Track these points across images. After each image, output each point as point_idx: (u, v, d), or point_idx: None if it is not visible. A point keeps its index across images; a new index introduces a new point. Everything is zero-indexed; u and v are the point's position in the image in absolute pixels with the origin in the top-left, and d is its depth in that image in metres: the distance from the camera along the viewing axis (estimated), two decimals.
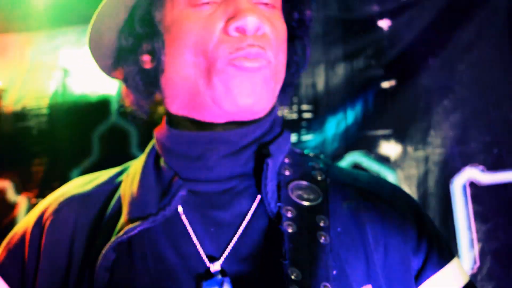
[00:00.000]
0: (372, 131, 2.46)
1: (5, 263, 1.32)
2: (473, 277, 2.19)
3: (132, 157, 1.59)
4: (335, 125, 2.51)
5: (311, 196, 1.17)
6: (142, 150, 1.39)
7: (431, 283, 1.19)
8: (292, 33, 1.27)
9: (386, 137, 2.44)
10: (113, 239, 1.12)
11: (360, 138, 2.47)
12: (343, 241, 1.14)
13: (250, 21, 1.07)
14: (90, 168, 2.62)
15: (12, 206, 2.66)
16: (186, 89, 1.17)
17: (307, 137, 2.50)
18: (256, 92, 1.12)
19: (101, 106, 2.77)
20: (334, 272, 1.06)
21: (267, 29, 1.13)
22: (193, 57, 1.13)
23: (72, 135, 2.74)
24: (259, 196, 1.16)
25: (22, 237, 1.31)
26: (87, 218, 1.26)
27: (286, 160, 1.24)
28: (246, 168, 1.19)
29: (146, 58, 1.24)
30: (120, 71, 1.32)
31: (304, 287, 1.01)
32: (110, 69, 1.39)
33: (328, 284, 1.02)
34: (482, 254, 2.23)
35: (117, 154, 2.68)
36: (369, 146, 2.44)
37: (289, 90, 1.33)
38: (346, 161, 2.42)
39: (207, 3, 1.13)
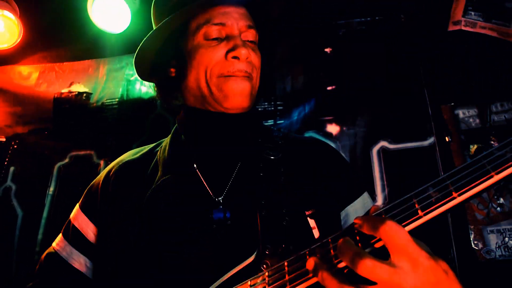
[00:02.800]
0: (321, 117, 3.18)
1: (85, 202, 1.65)
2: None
3: None
4: (298, 113, 3.23)
5: (275, 153, 1.49)
6: None
7: (349, 210, 1.49)
8: (264, 57, 1.61)
9: (330, 121, 3.16)
10: (154, 186, 1.44)
11: (313, 122, 3.18)
12: (295, 180, 1.43)
13: (243, 53, 1.44)
14: (144, 143, 3.05)
15: (96, 166, 3.36)
16: (196, 91, 1.52)
17: (280, 121, 3.22)
18: (243, 96, 1.47)
19: (151, 102, 3.45)
20: (290, 200, 1.36)
21: (253, 58, 1.50)
22: (201, 71, 1.48)
23: (132, 121, 3.43)
24: (243, 155, 1.48)
25: (97, 186, 1.63)
26: (137, 174, 1.57)
27: (260, 131, 1.60)
28: (235, 138, 1.53)
29: (172, 70, 1.60)
30: (153, 79, 1.72)
31: (270, 208, 1.31)
32: (146, 78, 1.76)
33: (286, 206, 1.32)
34: (390, 194, 2.89)
35: (161, 134, 2.85)
36: (319, 127, 3.16)
37: (263, 87, 1.64)
38: (304, 136, 2.95)
39: (216, 38, 1.49)
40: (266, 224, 1.27)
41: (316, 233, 1.35)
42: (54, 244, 1.64)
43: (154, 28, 1.59)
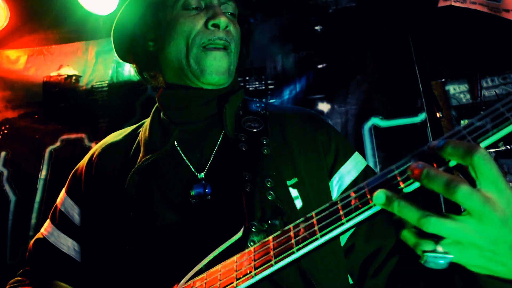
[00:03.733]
0: (312, 95, 3.21)
1: (71, 186, 1.66)
2: None
3: None
4: (288, 92, 3.25)
5: (256, 125, 1.48)
6: None
7: (342, 170, 1.48)
8: (243, 34, 1.63)
9: (321, 99, 3.19)
10: (136, 166, 1.43)
11: (304, 100, 3.21)
12: (278, 151, 1.43)
13: (223, 21, 1.44)
14: (136, 122, 3.34)
15: (87, 149, 2.99)
16: (175, 64, 1.52)
17: (272, 101, 3.25)
18: (220, 73, 1.47)
19: (141, 85, 3.42)
20: (274, 173, 1.36)
21: (232, 29, 1.50)
22: (180, 42, 1.47)
23: (123, 103, 3.42)
24: (223, 130, 1.47)
25: (81, 170, 1.64)
26: (119, 156, 1.57)
27: (240, 105, 1.58)
28: (214, 112, 1.53)
29: (150, 43, 1.59)
30: (131, 54, 1.67)
31: (254, 183, 1.30)
32: (124, 55, 1.71)
33: (270, 179, 1.32)
34: (382, 170, 2.99)
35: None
36: (311, 106, 3.18)
37: (242, 64, 1.68)
38: None
39: (195, 8, 1.49)
40: (250, 199, 1.26)
41: (298, 203, 1.34)
42: (42, 229, 1.65)
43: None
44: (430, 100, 3.03)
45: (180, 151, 1.47)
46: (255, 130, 1.45)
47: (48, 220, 1.66)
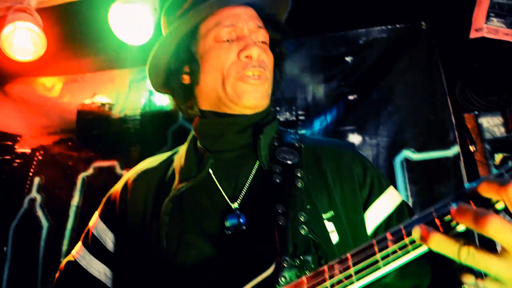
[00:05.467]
0: (343, 127, 3.16)
1: (104, 210, 1.67)
2: None
3: None
4: (319, 124, 3.22)
5: (291, 157, 1.46)
6: None
7: (377, 205, 1.46)
8: (275, 60, 1.64)
9: (352, 131, 3.14)
10: (171, 194, 1.43)
11: (335, 132, 3.16)
12: (312, 184, 1.41)
13: (255, 51, 1.46)
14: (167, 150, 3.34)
15: (119, 177, 3.00)
16: (212, 94, 1.55)
17: (302, 132, 3.20)
18: (258, 98, 1.49)
19: (173, 113, 3.44)
20: (308, 206, 1.35)
21: (265, 57, 1.52)
22: (216, 74, 1.50)
23: (155, 132, 3.45)
24: (258, 160, 1.47)
25: (115, 195, 1.65)
26: (154, 183, 1.58)
27: (275, 135, 1.57)
28: (250, 141, 1.52)
29: (185, 76, 1.61)
30: (167, 88, 1.70)
31: (287, 217, 1.28)
32: (160, 87, 1.75)
33: (303, 213, 1.30)
34: (414, 204, 2.85)
35: (182, 143, 3.32)
36: (341, 137, 3.11)
37: (276, 90, 1.69)
38: None
39: (227, 40, 1.50)
40: (283, 233, 1.25)
41: (334, 237, 1.34)
42: (73, 252, 1.67)
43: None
44: (463, 133, 2.97)
45: (215, 179, 1.48)
46: (289, 162, 1.44)
47: (80, 243, 1.67)
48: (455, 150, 2.94)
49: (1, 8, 3.34)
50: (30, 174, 3.50)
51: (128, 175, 1.69)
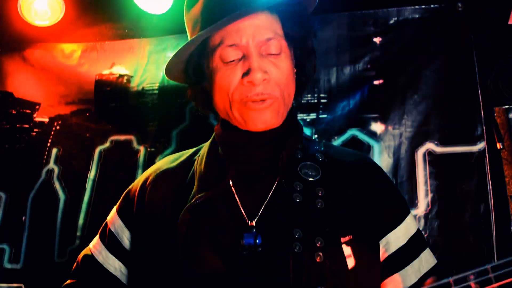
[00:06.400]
0: (366, 114, 3.06)
1: (122, 207, 1.69)
2: (426, 215, 2.76)
3: (210, 126, 2.14)
4: (341, 108, 3.12)
5: (314, 173, 1.45)
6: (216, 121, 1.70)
7: (391, 236, 1.46)
8: (300, 59, 1.59)
9: (375, 119, 3.03)
10: (188, 204, 1.42)
11: (357, 119, 3.06)
12: (333, 205, 1.40)
13: (257, 78, 1.38)
14: (183, 130, 3.31)
15: (136, 152, 3.34)
16: (223, 111, 1.53)
17: (323, 116, 3.13)
18: (266, 122, 1.45)
19: None
20: (327, 229, 1.33)
21: (273, 74, 1.43)
22: (223, 95, 1.47)
23: (173, 107, 3.39)
24: (279, 175, 1.46)
25: (134, 193, 1.66)
26: (173, 186, 1.57)
27: (299, 146, 1.54)
28: (271, 155, 1.49)
29: (205, 85, 1.59)
30: (189, 91, 1.71)
31: (304, 243, 1.28)
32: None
33: (321, 238, 1.30)
34: (433, 200, 2.79)
35: (201, 122, 3.18)
36: (363, 124, 3.03)
37: (303, 91, 1.66)
38: (347, 135, 3.02)
39: (232, 61, 1.44)
40: (298, 262, 1.26)
41: (351, 262, 1.32)
42: (91, 245, 1.72)
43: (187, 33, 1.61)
44: (491, 128, 2.84)
45: (234, 192, 1.47)
46: (311, 179, 1.43)
47: (97, 237, 1.72)
48: (481, 145, 2.81)
49: None
50: (48, 144, 3.49)
51: (147, 174, 1.69)
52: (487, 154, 2.79)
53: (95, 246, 1.70)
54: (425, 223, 2.78)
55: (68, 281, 1.70)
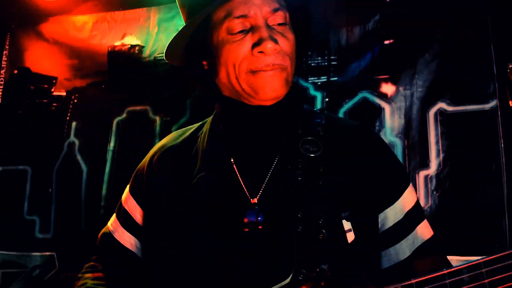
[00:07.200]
0: (376, 75, 3.05)
1: (133, 186, 1.71)
2: (438, 175, 2.80)
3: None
4: (352, 70, 3.11)
5: (315, 149, 1.43)
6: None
7: (392, 209, 1.45)
8: (300, 30, 1.53)
9: (385, 80, 3.03)
10: (192, 182, 1.46)
11: (368, 80, 3.06)
12: (334, 180, 1.39)
13: (269, 47, 1.36)
14: (197, 99, 3.35)
15: (152, 122, 3.43)
16: (229, 86, 1.49)
17: (334, 78, 3.13)
18: (276, 90, 1.42)
19: None
20: (328, 206, 1.33)
21: (283, 44, 1.41)
22: (230, 68, 1.43)
23: (185, 77, 3.43)
24: (280, 151, 1.45)
25: (142, 171, 1.68)
26: (178, 162, 1.59)
27: (300, 120, 1.52)
28: (272, 132, 1.48)
29: (204, 63, 1.54)
30: (188, 72, 1.66)
31: (306, 222, 1.28)
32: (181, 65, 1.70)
33: (323, 215, 1.30)
34: (445, 160, 2.82)
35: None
36: (374, 86, 3.04)
37: (303, 60, 1.81)
38: (358, 97, 3.05)
39: (241, 31, 1.40)
40: (301, 241, 1.26)
41: (350, 237, 1.34)
42: (109, 223, 1.78)
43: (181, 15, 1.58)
44: (503, 85, 2.76)
45: (236, 169, 1.47)
46: (312, 155, 1.42)
47: (114, 215, 1.77)
48: (493, 103, 2.79)
49: None
50: (67, 118, 3.59)
51: (153, 151, 1.71)
52: (499, 112, 2.77)
53: (112, 224, 1.75)
54: (437, 182, 2.81)
55: (94, 257, 1.78)
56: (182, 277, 1.40)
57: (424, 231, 1.49)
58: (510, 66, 2.77)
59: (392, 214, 1.45)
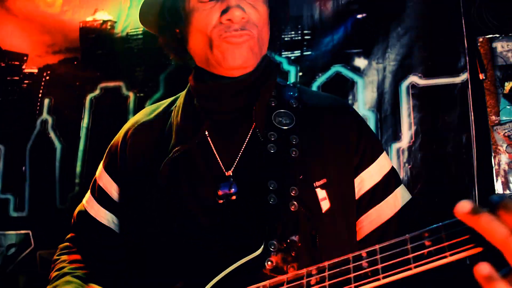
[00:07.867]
0: (349, 49, 3.07)
1: (108, 162, 1.73)
2: (410, 148, 2.84)
3: None
4: (325, 44, 3.12)
5: (288, 121, 1.47)
6: None
7: (365, 174, 1.49)
8: (274, 7, 1.58)
9: (358, 54, 3.04)
10: (167, 157, 1.46)
11: (341, 54, 3.07)
12: (307, 151, 1.43)
13: (237, 14, 1.40)
14: (171, 74, 3.31)
15: (125, 98, 3.40)
16: (201, 54, 1.51)
17: (307, 53, 3.14)
18: (243, 57, 1.44)
19: None
20: (301, 177, 1.36)
21: (251, 14, 1.45)
22: (201, 36, 1.46)
23: (158, 52, 2.94)
24: (254, 124, 1.48)
25: (115, 147, 1.70)
26: (152, 137, 1.61)
27: (273, 93, 1.55)
28: (246, 104, 1.50)
29: (177, 31, 1.59)
30: (161, 39, 1.70)
31: (278, 194, 1.32)
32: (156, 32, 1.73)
33: (295, 187, 1.33)
34: (416, 133, 2.86)
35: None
36: (347, 60, 3.05)
37: (277, 35, 1.68)
38: (331, 71, 3.06)
39: (210, 0, 1.44)
40: (272, 213, 1.29)
41: (325, 205, 1.37)
42: (84, 201, 1.80)
43: None
44: (474, 58, 2.83)
45: (210, 142, 1.50)
46: (285, 128, 1.45)
47: (89, 192, 1.79)
48: (464, 77, 2.83)
49: None
50: (40, 95, 3.54)
51: (127, 127, 1.72)
52: (469, 85, 2.81)
53: (87, 201, 1.77)
54: (409, 155, 2.85)
55: (69, 235, 1.81)
56: (160, 247, 1.42)
57: (404, 193, 1.53)
58: (480, 39, 2.87)
59: (368, 177, 1.48)
